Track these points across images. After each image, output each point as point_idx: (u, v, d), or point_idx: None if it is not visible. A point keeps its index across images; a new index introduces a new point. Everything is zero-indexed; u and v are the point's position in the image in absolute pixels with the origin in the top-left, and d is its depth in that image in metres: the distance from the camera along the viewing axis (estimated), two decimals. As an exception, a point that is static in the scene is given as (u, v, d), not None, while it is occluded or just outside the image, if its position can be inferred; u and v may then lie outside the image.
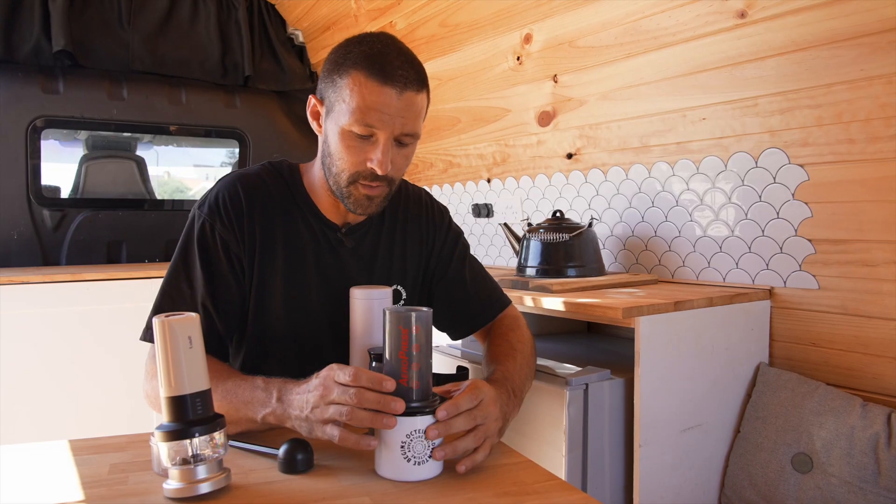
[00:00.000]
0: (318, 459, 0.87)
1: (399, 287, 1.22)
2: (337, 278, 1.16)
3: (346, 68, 1.01)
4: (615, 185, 2.01)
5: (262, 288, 1.11)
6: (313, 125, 1.12)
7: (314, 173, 1.17)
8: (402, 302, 1.23)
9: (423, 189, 1.32)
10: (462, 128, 2.63)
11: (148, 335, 1.06)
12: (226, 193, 1.10)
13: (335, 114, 1.03)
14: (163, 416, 0.77)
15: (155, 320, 0.76)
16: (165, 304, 1.08)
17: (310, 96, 1.10)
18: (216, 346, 1.09)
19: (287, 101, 3.35)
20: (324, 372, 0.87)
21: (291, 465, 0.84)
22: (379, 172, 1.02)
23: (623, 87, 1.94)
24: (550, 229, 1.83)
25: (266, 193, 1.13)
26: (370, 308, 1.02)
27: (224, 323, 1.09)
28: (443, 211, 1.31)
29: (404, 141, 1.04)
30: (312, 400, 0.85)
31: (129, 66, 2.96)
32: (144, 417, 2.49)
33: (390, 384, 0.82)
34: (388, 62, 0.99)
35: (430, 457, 0.82)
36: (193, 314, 0.79)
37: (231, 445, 0.88)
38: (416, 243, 1.25)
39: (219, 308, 1.08)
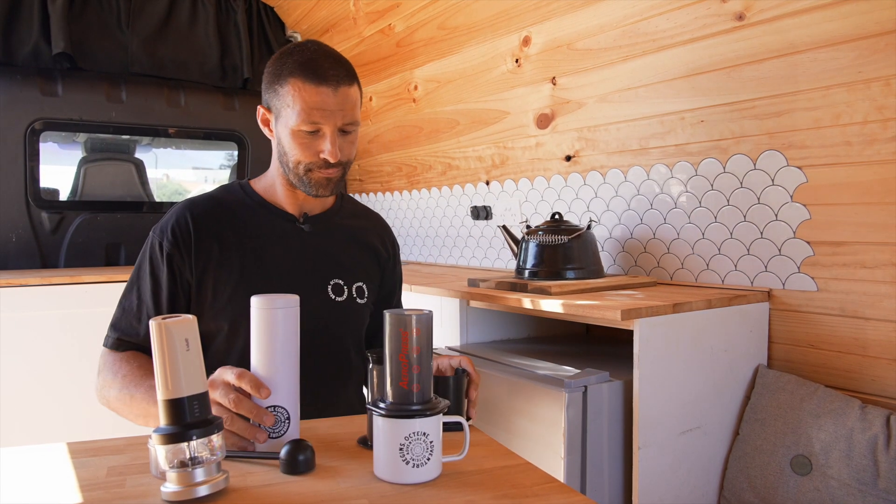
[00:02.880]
0: (319, 461, 0.87)
1: (363, 284, 1.30)
2: (302, 272, 1.23)
3: (285, 77, 1.15)
4: (614, 187, 2.01)
5: (216, 290, 1.19)
6: (265, 131, 1.25)
7: (268, 176, 1.29)
8: (365, 298, 1.30)
9: (383, 218, 1.46)
10: (461, 130, 2.63)
11: (107, 342, 1.22)
12: (175, 215, 1.22)
13: (283, 118, 1.17)
14: (160, 419, 0.77)
15: (152, 322, 0.76)
16: (119, 317, 1.22)
17: (258, 107, 1.24)
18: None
19: (286, 104, 3.34)
20: (216, 372, 0.92)
21: (293, 466, 0.84)
22: (331, 161, 1.17)
23: (621, 89, 1.94)
24: (549, 231, 1.83)
25: (215, 207, 1.24)
26: (272, 318, 0.89)
27: None
28: (396, 244, 1.44)
29: (347, 129, 1.18)
30: None
31: (127, 69, 2.96)
32: (143, 420, 2.50)
33: (266, 392, 0.87)
34: (319, 66, 1.14)
35: (429, 459, 0.82)
36: (191, 316, 0.79)
37: (228, 455, 0.88)
38: (374, 256, 1.36)
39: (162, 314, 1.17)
